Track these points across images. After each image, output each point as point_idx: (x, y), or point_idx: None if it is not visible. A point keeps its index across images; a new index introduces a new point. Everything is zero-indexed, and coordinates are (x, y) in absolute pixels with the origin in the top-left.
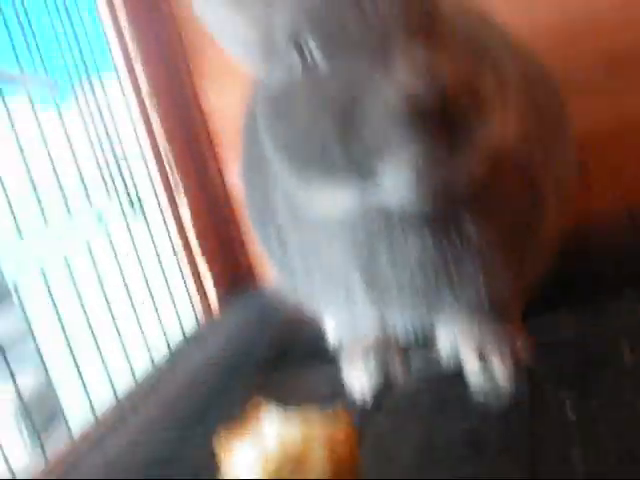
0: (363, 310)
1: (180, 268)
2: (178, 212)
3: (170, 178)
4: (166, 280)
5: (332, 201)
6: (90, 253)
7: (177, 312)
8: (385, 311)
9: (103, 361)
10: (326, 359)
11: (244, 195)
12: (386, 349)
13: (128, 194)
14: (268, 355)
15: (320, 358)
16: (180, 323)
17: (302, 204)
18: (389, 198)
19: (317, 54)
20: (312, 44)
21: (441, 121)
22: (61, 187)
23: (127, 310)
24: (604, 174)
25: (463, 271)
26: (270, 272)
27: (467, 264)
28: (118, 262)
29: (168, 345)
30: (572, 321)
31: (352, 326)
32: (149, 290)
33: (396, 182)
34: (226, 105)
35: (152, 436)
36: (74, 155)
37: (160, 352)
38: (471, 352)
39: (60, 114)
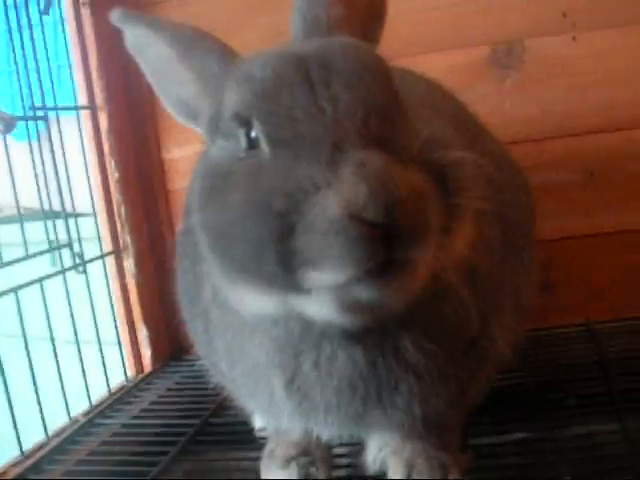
0: (285, 414)
1: (117, 328)
2: (123, 274)
3: (119, 236)
4: (99, 340)
5: (255, 304)
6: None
7: (106, 372)
8: (308, 419)
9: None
10: (247, 444)
11: (176, 274)
12: (309, 450)
13: (71, 248)
14: (187, 430)
15: (240, 442)
16: (108, 383)
17: (228, 298)
18: (314, 311)
19: (262, 140)
20: (258, 128)
21: (378, 240)
22: None
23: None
24: (568, 281)
25: (395, 391)
26: None
27: (400, 384)
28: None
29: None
30: (518, 426)
31: (274, 425)
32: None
33: (322, 297)
34: (188, 158)
35: None
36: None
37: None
38: (399, 466)
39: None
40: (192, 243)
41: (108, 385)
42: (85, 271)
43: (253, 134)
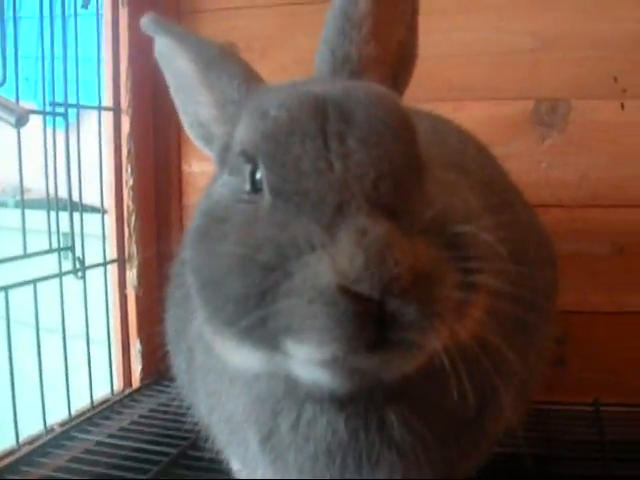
0: (259, 469)
1: (109, 338)
2: (124, 284)
3: (126, 244)
4: (89, 352)
5: (238, 357)
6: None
7: (91, 384)
8: (283, 476)
9: None
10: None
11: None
12: None
13: (72, 251)
14: (162, 459)
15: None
16: (91, 395)
17: (212, 345)
18: (301, 373)
19: (265, 185)
20: (263, 172)
21: (370, 318)
22: None
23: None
24: (582, 359)
25: (376, 465)
26: None
27: (382, 459)
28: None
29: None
30: None
31: (248, 473)
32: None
33: (307, 361)
34: (208, 174)
35: None
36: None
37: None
38: None
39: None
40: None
41: (92, 396)
42: (84, 277)
43: (258, 176)
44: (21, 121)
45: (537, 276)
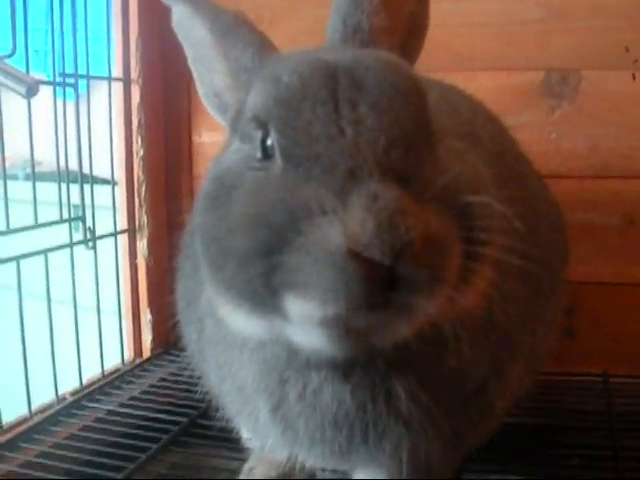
0: (270, 437)
1: (120, 308)
2: (135, 254)
3: (136, 214)
4: (100, 323)
5: (242, 323)
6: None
7: (102, 354)
8: (292, 446)
9: None
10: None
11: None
12: (290, 474)
13: (84, 221)
14: (172, 427)
15: (228, 444)
16: (102, 364)
17: (220, 314)
18: (299, 339)
19: (277, 150)
20: (274, 137)
21: (378, 282)
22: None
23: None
24: (592, 329)
25: (383, 436)
26: None
27: (388, 431)
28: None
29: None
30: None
31: (259, 442)
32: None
33: (306, 319)
34: (218, 144)
35: None
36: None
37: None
38: None
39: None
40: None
41: (102, 366)
42: (95, 247)
43: (269, 142)
44: (31, 91)
45: (546, 247)
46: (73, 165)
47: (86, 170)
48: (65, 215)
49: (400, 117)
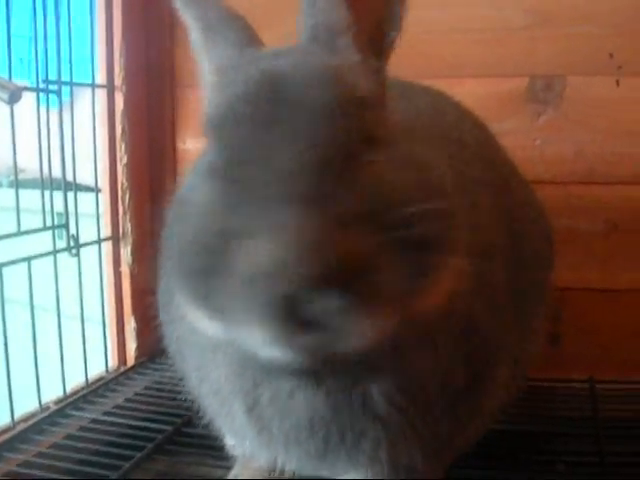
0: (248, 440)
1: (104, 316)
2: (119, 262)
3: (120, 222)
4: (83, 330)
5: (205, 325)
6: None
7: (86, 361)
8: (269, 449)
9: None
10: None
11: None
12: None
13: (67, 229)
14: (157, 435)
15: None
16: (86, 372)
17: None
18: (250, 348)
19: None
20: (212, 150)
21: (299, 307)
22: None
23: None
24: (577, 335)
25: (361, 436)
26: None
27: (366, 432)
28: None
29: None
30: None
31: (240, 447)
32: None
33: (254, 338)
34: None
35: None
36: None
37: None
38: None
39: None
40: None
41: (86, 375)
42: (78, 254)
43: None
44: (14, 97)
45: (535, 251)
46: (57, 172)
47: (70, 177)
48: (49, 223)
49: (321, 136)
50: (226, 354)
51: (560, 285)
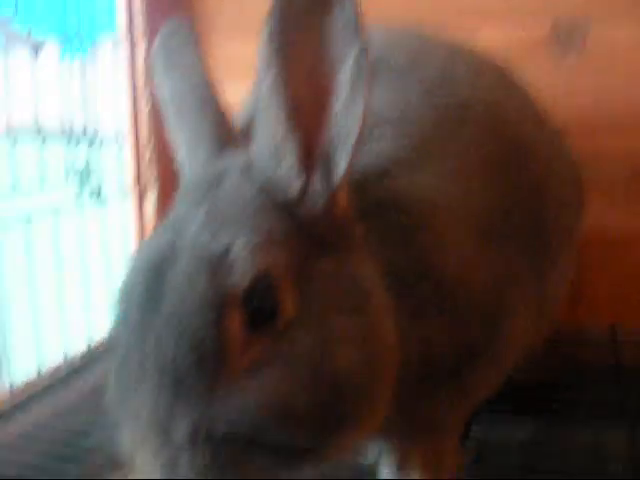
0: None
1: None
2: (143, 216)
3: (142, 174)
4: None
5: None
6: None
7: None
8: None
9: None
10: None
11: None
12: None
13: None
14: None
15: None
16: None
17: None
18: None
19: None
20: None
21: None
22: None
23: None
24: (601, 283)
25: None
26: None
27: None
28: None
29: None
30: (524, 424)
31: None
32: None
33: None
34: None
35: None
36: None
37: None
38: (391, 464)
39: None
40: None
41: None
42: (103, 204)
43: None
44: (36, 51)
45: (563, 196)
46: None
47: (93, 129)
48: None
49: (178, 356)
50: None
51: (584, 234)
